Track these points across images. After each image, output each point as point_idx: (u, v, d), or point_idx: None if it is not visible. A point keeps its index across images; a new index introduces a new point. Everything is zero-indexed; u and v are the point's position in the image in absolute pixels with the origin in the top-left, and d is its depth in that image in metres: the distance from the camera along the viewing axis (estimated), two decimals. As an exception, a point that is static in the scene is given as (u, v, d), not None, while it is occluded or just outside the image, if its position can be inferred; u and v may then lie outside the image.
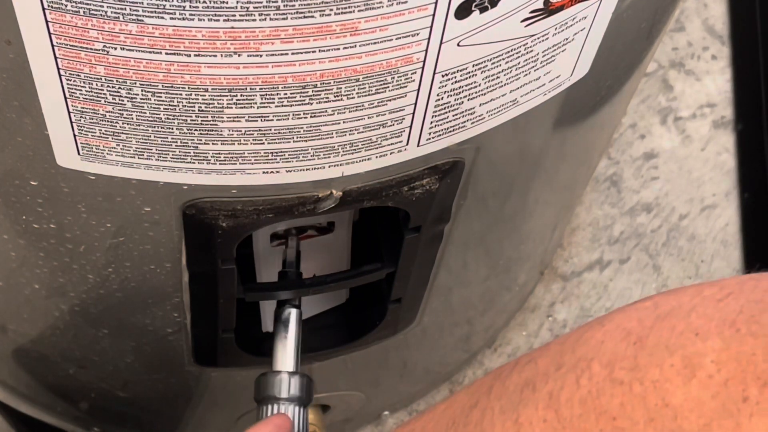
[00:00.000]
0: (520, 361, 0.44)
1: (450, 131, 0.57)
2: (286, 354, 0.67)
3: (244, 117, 0.50)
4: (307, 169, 0.55)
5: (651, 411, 0.37)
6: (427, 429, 0.47)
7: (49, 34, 0.45)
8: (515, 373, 0.43)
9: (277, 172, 0.55)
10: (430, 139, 0.57)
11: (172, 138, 0.51)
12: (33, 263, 0.67)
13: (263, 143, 0.52)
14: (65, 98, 0.49)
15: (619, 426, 0.38)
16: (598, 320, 0.42)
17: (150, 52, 0.46)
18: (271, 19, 0.44)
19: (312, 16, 0.45)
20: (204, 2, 0.43)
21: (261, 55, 0.46)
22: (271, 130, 0.52)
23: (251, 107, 0.50)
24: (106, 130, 0.51)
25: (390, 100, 0.52)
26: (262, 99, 0.49)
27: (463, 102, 0.55)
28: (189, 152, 0.53)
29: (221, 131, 0.51)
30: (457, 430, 0.44)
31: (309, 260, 0.72)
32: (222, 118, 0.50)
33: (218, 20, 0.44)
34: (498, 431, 0.42)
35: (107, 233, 0.61)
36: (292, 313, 0.68)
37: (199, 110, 0.50)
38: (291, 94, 0.49)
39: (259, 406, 0.65)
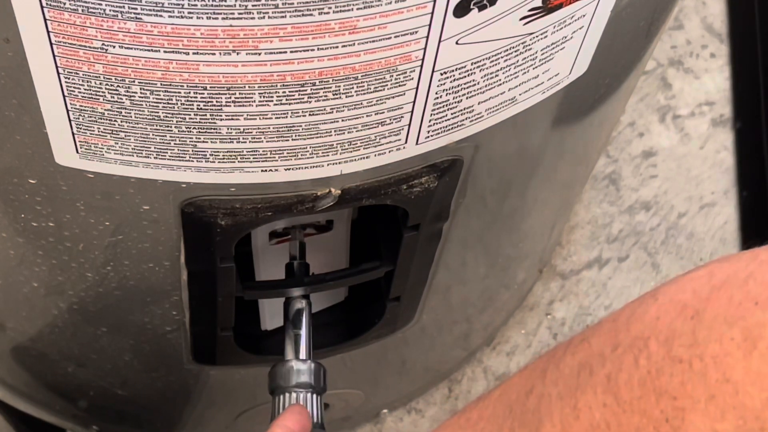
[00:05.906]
0: (572, 342, 0.43)
1: (448, 129, 0.57)
2: (300, 344, 0.68)
3: (242, 115, 0.50)
4: (305, 168, 0.55)
5: (712, 388, 0.36)
6: (484, 417, 0.46)
7: (48, 32, 0.45)
8: (569, 354, 0.42)
9: (276, 170, 0.55)
10: (428, 137, 0.57)
11: (171, 136, 0.51)
12: (32, 261, 0.67)
13: (262, 141, 0.52)
14: (64, 96, 0.49)
15: (680, 405, 0.37)
16: (651, 294, 0.41)
17: (148, 50, 0.46)
18: (269, 17, 0.44)
19: (311, 14, 0.45)
20: (203, 0, 0.43)
21: (260, 53, 0.46)
22: (269, 128, 0.51)
23: (250, 105, 0.50)
24: (104, 128, 0.51)
25: (388, 99, 0.52)
26: (260, 97, 0.49)
27: (461, 100, 0.55)
28: (187, 150, 0.53)
29: (220, 129, 0.51)
30: (515, 417, 0.43)
31: (308, 258, 0.72)
32: (221, 116, 0.50)
33: (217, 18, 0.44)
34: (557, 418, 0.41)
35: (106, 231, 0.61)
36: (303, 305, 0.70)
37: (197, 108, 0.50)
38: (289, 92, 0.49)
39: (274, 396, 0.66)
